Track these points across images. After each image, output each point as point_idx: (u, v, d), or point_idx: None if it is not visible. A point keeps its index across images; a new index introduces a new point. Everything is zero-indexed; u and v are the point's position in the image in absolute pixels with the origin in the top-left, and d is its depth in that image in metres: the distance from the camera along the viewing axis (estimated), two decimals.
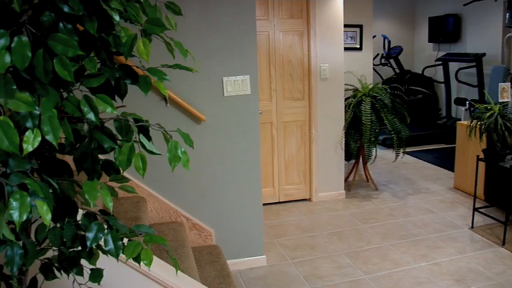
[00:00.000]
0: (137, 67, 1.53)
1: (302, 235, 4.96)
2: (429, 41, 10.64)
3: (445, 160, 7.87)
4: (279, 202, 5.88)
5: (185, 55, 1.54)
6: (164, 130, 1.55)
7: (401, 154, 6.13)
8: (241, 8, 3.79)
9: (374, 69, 9.73)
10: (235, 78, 3.84)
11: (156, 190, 3.82)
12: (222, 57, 3.80)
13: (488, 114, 4.79)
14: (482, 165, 5.54)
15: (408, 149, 7.92)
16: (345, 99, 6.04)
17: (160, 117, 3.68)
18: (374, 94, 5.96)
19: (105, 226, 1.51)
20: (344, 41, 6.03)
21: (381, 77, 10.39)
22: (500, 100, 5.08)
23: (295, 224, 5.25)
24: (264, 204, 5.52)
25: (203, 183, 3.96)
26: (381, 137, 8.27)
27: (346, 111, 5.96)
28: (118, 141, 1.48)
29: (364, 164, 6.49)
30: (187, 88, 3.74)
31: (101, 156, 1.51)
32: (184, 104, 3.69)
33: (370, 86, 6.15)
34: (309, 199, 5.99)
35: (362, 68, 6.57)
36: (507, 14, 7.76)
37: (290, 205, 5.85)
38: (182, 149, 1.52)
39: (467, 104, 8.18)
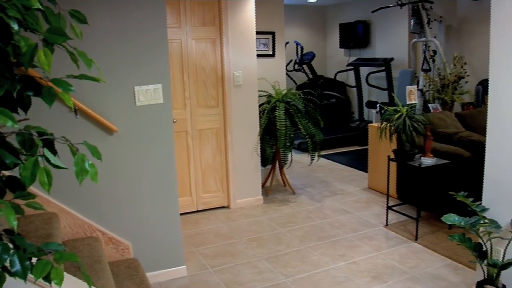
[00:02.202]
0: (41, 78, 1.46)
1: (222, 243, 4.95)
2: (340, 46, 10.95)
3: (359, 161, 8.10)
4: (197, 211, 5.84)
5: (89, 65, 1.50)
6: (71, 143, 1.49)
7: (316, 158, 6.25)
8: (152, 16, 3.74)
9: (288, 75, 9.90)
10: (147, 87, 3.78)
11: (69, 205, 3.69)
12: (133, 66, 3.73)
13: (396, 116, 4.96)
14: (393, 164, 5.73)
15: (323, 152, 8.08)
16: (260, 105, 6.09)
17: (70, 129, 3.55)
18: (288, 99, 6.04)
19: (11, 246, 1.43)
20: (257, 48, 6.08)
21: (295, 83, 10.58)
22: (408, 102, 5.27)
23: (214, 232, 5.23)
24: (182, 214, 5.46)
25: (118, 196, 3.86)
26: (296, 142, 8.40)
27: (260, 117, 6.01)
28: (22, 156, 1.41)
29: (281, 168, 6.57)
30: (98, 98, 3.64)
31: (5, 172, 1.44)
32: (95, 115, 3.59)
33: (284, 92, 6.23)
34: (228, 206, 5.98)
35: (276, 74, 6.65)
36: (412, 20, 8.11)
37: (208, 213, 5.82)
38: (90, 162, 1.47)
39: (377, 107, 8.47)
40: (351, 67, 10.15)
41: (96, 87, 3.59)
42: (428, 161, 4.94)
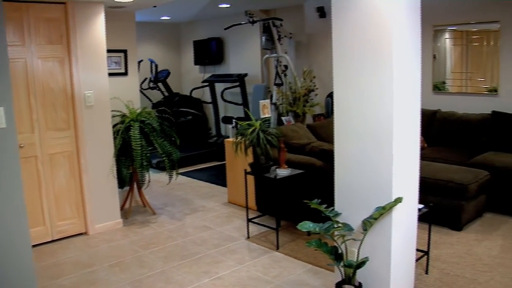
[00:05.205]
0: None
1: (81, 272, 4.70)
2: (195, 63, 11.04)
3: (219, 177, 8.16)
4: (53, 241, 5.48)
5: None
6: None
7: (174, 176, 6.19)
8: None
9: (143, 93, 9.78)
10: None
11: None
12: None
13: (250, 130, 5.06)
14: (251, 178, 5.83)
15: (182, 170, 8.01)
16: (113, 126, 5.91)
17: None
18: (142, 118, 5.94)
19: None
20: (109, 66, 5.93)
21: (151, 101, 10.46)
22: (262, 116, 5.40)
23: (72, 261, 4.96)
24: (35, 245, 5.11)
25: None
26: (154, 161, 8.28)
27: (115, 138, 5.83)
28: None
29: (139, 189, 6.43)
30: None
31: None
32: None
33: (138, 111, 6.11)
34: (86, 233, 5.71)
35: (129, 93, 6.53)
36: (263, 37, 8.38)
37: (66, 241, 5.50)
38: None
39: (233, 122, 8.60)
40: (207, 84, 10.26)
41: None
42: (283, 172, 5.08)
